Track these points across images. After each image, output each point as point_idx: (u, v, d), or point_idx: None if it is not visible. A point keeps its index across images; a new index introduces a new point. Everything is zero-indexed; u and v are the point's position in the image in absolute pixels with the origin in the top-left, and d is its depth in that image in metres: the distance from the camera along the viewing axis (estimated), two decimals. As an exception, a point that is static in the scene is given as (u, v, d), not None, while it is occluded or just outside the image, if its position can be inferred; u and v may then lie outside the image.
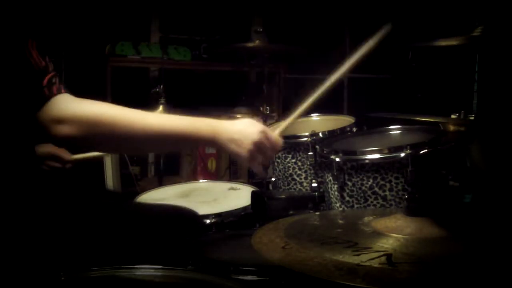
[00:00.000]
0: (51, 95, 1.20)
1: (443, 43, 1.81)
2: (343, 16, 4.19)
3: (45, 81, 1.20)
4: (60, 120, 1.17)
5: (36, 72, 1.19)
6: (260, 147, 1.30)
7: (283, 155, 2.01)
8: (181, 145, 1.25)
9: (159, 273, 1.13)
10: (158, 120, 1.26)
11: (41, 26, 1.29)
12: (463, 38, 1.78)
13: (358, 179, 1.56)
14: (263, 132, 1.31)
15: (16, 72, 1.18)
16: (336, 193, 1.61)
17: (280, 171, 2.04)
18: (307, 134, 1.92)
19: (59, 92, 1.22)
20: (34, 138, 1.29)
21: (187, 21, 4.09)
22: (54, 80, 1.22)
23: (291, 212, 1.75)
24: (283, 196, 1.87)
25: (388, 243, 0.97)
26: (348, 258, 0.90)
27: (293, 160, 1.98)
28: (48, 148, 1.93)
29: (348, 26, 4.25)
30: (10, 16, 1.21)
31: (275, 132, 1.40)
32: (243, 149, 1.28)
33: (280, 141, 1.37)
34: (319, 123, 2.22)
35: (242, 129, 1.30)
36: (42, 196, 1.41)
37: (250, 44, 2.92)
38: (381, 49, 1.46)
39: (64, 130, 1.17)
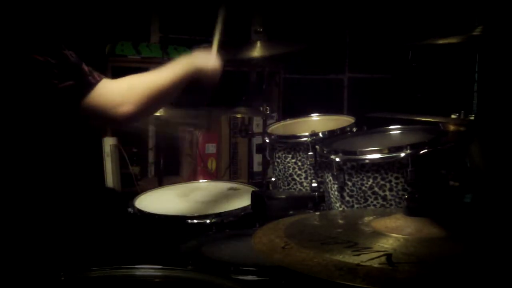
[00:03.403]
0: (96, 82, 1.34)
1: (442, 41, 1.81)
2: (343, 16, 4.18)
3: (86, 69, 1.34)
4: (120, 103, 1.33)
5: (76, 62, 1.33)
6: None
7: (283, 155, 2.01)
8: (186, 81, 1.54)
9: (159, 273, 1.13)
10: (173, 70, 1.52)
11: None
12: (462, 37, 1.77)
13: (358, 179, 1.56)
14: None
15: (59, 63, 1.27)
16: (336, 193, 1.61)
17: (280, 171, 2.04)
18: (307, 134, 1.92)
19: (101, 78, 1.36)
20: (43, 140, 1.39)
21: (187, 21, 4.09)
22: (91, 69, 1.31)
23: (291, 212, 1.75)
24: (283, 196, 1.87)
25: (388, 243, 0.97)
26: (348, 258, 0.90)
27: (293, 160, 1.98)
28: None
29: (348, 26, 4.25)
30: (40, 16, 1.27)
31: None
32: (214, 61, 1.67)
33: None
34: (319, 123, 2.22)
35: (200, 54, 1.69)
36: (42, 196, 1.41)
37: (251, 47, 2.93)
38: (381, 48, 1.46)
39: (126, 109, 1.33)
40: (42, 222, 1.36)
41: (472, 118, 1.72)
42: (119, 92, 1.35)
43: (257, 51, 2.56)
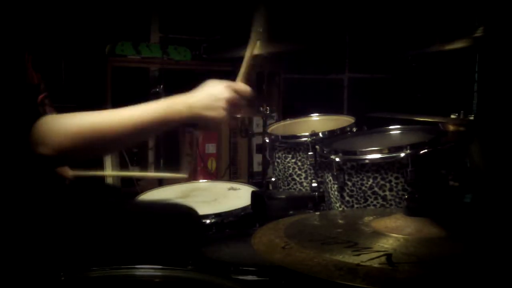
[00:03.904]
0: (43, 114, 1.21)
1: (447, 47, 1.81)
2: (343, 16, 4.18)
3: (39, 99, 1.21)
4: (40, 142, 1.18)
5: (31, 87, 1.20)
6: (233, 102, 1.33)
7: (283, 155, 2.01)
8: (161, 128, 1.29)
9: (159, 273, 1.13)
10: (133, 112, 1.26)
11: (38, 38, 1.29)
12: (465, 40, 1.77)
13: (358, 179, 1.56)
14: (228, 87, 1.34)
15: (12, 86, 1.18)
16: (336, 193, 1.61)
17: (280, 171, 2.04)
18: (307, 134, 1.92)
19: (49, 113, 1.24)
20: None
21: (187, 21, 4.09)
22: (46, 101, 1.23)
23: (291, 212, 1.75)
24: (283, 196, 1.87)
25: (388, 243, 0.97)
26: (348, 258, 0.90)
27: (293, 160, 1.98)
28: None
29: (348, 26, 4.25)
30: (8, 27, 1.21)
31: (239, 83, 1.42)
32: (219, 111, 1.31)
33: (246, 87, 1.39)
34: (319, 123, 2.22)
35: (210, 93, 1.33)
36: (42, 196, 1.41)
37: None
38: (381, 49, 1.47)
39: (44, 151, 1.18)
40: (42, 222, 1.36)
41: (472, 118, 1.72)
42: (47, 131, 1.20)
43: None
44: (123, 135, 1.24)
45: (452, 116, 1.72)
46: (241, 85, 1.39)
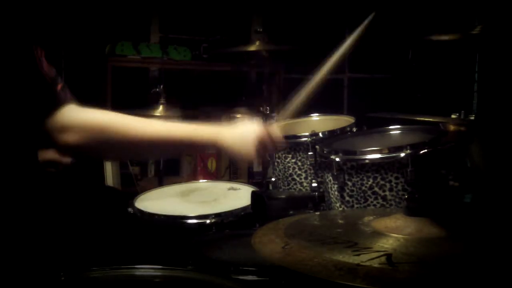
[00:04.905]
0: (64, 103, 1.23)
1: (443, 37, 1.80)
2: (343, 16, 4.19)
3: (59, 87, 1.23)
4: (66, 129, 1.21)
5: (48, 79, 1.21)
6: (263, 145, 1.34)
7: (283, 155, 2.01)
8: (183, 150, 1.31)
9: (159, 273, 1.13)
10: (162, 127, 1.30)
11: (48, 32, 1.31)
12: (462, 34, 1.76)
13: (358, 179, 1.56)
14: (263, 131, 1.36)
15: (27, 79, 1.20)
16: (336, 193, 1.61)
17: (280, 171, 2.04)
18: (307, 134, 1.92)
19: (69, 102, 1.25)
20: (38, 143, 1.32)
21: (187, 21, 4.09)
22: (65, 90, 1.24)
23: (291, 212, 1.75)
24: (283, 196, 1.86)
25: (388, 243, 0.97)
26: (348, 258, 0.90)
27: (293, 160, 1.98)
28: (49, 155, 1.91)
29: (348, 26, 4.25)
30: (18, 24, 1.22)
31: (274, 128, 1.42)
32: (247, 150, 1.31)
33: (280, 136, 1.40)
34: (319, 123, 2.22)
35: (243, 132, 1.34)
36: (43, 196, 1.41)
37: (251, 47, 2.94)
38: (381, 48, 1.47)
39: (69, 138, 1.20)
40: (42, 222, 1.36)
41: (472, 118, 1.72)
42: (74, 120, 1.22)
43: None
44: (143, 145, 1.26)
45: (453, 116, 1.73)
46: (276, 132, 1.39)
